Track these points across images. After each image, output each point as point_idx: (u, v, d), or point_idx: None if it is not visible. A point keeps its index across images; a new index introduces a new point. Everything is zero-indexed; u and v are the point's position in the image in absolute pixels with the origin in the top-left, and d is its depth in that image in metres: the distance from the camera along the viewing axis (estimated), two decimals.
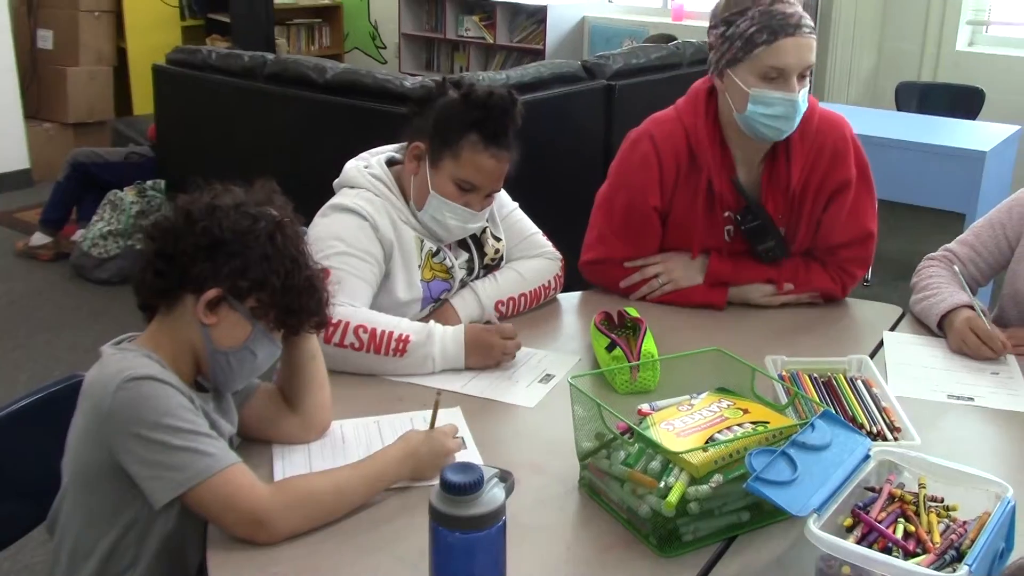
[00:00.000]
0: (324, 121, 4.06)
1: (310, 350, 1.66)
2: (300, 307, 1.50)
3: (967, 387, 1.92)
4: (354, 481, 1.47)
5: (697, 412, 1.53)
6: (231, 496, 1.38)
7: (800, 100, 2.06)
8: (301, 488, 1.44)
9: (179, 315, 1.49)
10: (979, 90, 5.17)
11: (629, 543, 1.42)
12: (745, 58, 2.05)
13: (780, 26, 2.01)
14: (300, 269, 1.50)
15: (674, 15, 7.04)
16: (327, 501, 1.44)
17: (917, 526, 1.30)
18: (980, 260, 2.24)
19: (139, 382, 1.38)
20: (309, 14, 8.47)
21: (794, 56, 2.02)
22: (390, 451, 1.52)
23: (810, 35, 2.05)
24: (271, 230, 1.48)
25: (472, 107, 2.00)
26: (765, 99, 2.05)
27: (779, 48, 2.02)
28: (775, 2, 2.03)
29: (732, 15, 2.07)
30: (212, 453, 1.38)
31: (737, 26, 2.05)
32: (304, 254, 1.52)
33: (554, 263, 2.28)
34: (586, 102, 4.37)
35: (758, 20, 2.02)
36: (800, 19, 2.03)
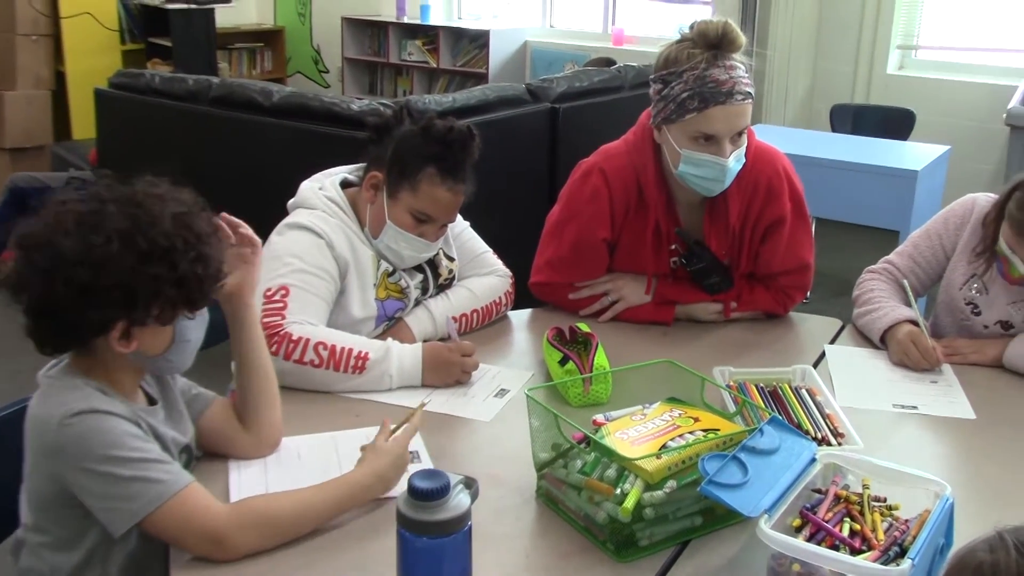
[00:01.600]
0: (271, 144, 4.06)
1: (264, 369, 1.67)
2: (200, 288, 1.43)
3: (910, 396, 2.00)
4: (317, 503, 1.47)
5: (650, 421, 1.57)
6: (187, 518, 1.38)
7: (730, 163, 2.07)
8: (261, 508, 1.45)
9: (97, 346, 1.43)
10: (910, 112, 5.35)
11: (587, 549, 1.46)
12: (677, 120, 2.07)
13: (712, 94, 2.02)
14: (181, 255, 1.38)
15: (614, 39, 7.15)
16: (287, 522, 1.44)
17: (862, 525, 1.36)
18: (919, 270, 2.32)
19: (82, 417, 1.36)
20: (251, 38, 8.45)
21: (724, 124, 2.04)
22: (357, 475, 1.53)
23: (743, 102, 2.04)
24: (128, 239, 1.35)
25: (431, 141, 2.03)
26: (695, 160, 2.09)
27: (709, 116, 2.03)
28: (711, 66, 2.03)
29: (669, 74, 2.07)
30: (163, 479, 1.38)
31: (672, 87, 2.06)
32: (179, 232, 1.39)
33: (505, 280, 2.32)
34: (531, 124, 4.44)
35: (691, 85, 2.03)
36: (734, 86, 2.03)
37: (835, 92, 6.14)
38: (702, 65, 2.03)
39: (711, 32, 2.04)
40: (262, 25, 8.59)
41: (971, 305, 2.22)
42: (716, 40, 2.04)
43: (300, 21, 8.55)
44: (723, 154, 2.06)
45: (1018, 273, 2.05)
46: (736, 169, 2.12)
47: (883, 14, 6.12)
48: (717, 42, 2.04)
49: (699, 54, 2.03)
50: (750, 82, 2.07)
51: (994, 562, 0.86)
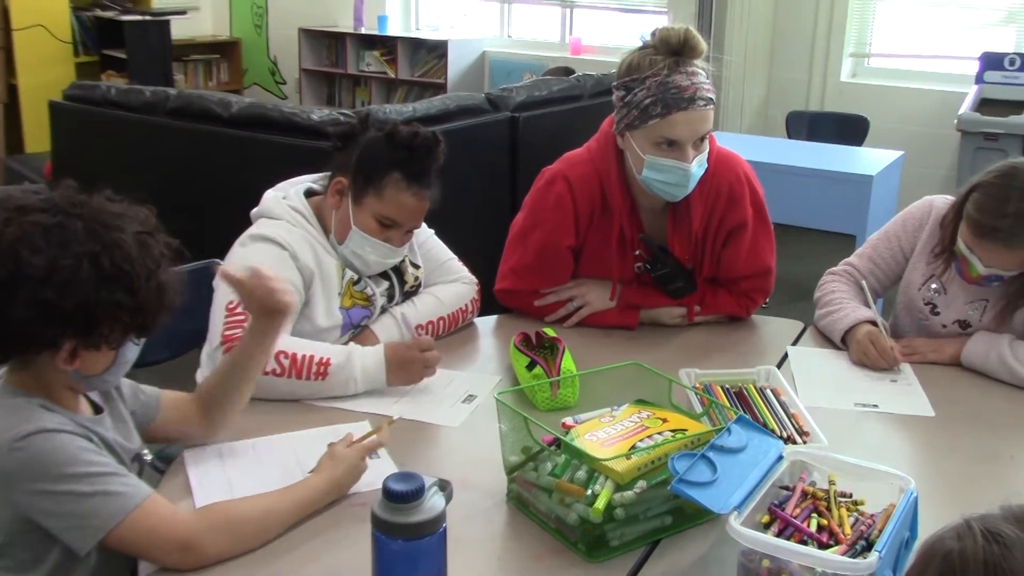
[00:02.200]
0: (230, 155, 4.03)
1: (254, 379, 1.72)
2: (155, 316, 1.43)
3: (871, 395, 2.03)
4: (281, 507, 1.48)
5: (619, 423, 1.59)
6: (153, 529, 1.37)
7: (693, 167, 2.10)
8: (226, 512, 1.45)
9: (38, 359, 1.41)
10: (864, 118, 5.44)
11: (558, 551, 1.47)
12: (641, 126, 2.09)
13: (674, 100, 2.04)
14: (142, 282, 1.39)
15: (572, 49, 7.20)
16: (253, 526, 1.44)
17: (829, 520, 1.38)
18: (879, 271, 2.36)
19: (31, 439, 1.34)
20: (207, 50, 8.39)
21: (686, 130, 2.07)
22: (317, 481, 1.55)
23: (705, 107, 2.06)
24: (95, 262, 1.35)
25: (396, 147, 2.03)
26: (658, 166, 2.11)
27: (672, 121, 2.05)
28: (673, 72, 2.05)
29: (631, 80, 2.09)
30: (123, 492, 1.37)
31: (635, 94, 2.08)
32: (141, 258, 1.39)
33: (470, 287, 2.33)
34: (491, 133, 4.45)
35: (654, 91, 2.05)
36: (696, 92, 2.05)
37: (790, 100, 6.23)
38: (664, 71, 2.05)
39: (673, 39, 2.06)
40: (218, 37, 8.54)
41: (930, 305, 2.26)
42: (678, 47, 2.06)
43: (256, 32, 8.52)
44: (686, 159, 2.09)
45: (976, 273, 2.09)
46: (699, 174, 2.14)
47: (836, 23, 6.23)
48: (679, 48, 2.06)
49: (661, 61, 2.06)
50: (711, 88, 2.10)
51: (962, 549, 0.88)
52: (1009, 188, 2.01)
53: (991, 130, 5.33)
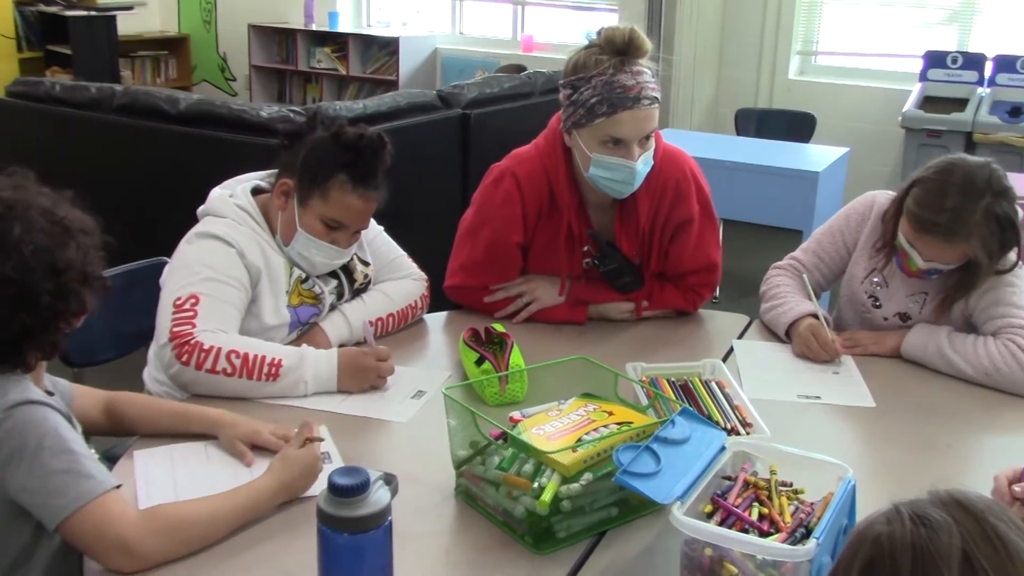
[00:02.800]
0: (178, 153, 4.00)
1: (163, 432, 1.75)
2: (62, 336, 1.46)
3: (813, 387, 2.07)
4: (227, 511, 1.47)
5: (565, 416, 1.60)
6: (101, 522, 1.37)
7: (639, 165, 2.12)
8: (172, 515, 1.43)
9: None
10: (811, 115, 5.52)
11: (506, 544, 1.49)
12: (587, 125, 2.10)
13: (619, 99, 2.06)
14: (49, 309, 1.41)
15: (524, 46, 7.22)
16: (199, 528, 1.44)
17: (770, 509, 1.41)
18: (823, 265, 2.40)
19: (18, 409, 1.36)
20: (155, 46, 8.30)
21: (631, 128, 2.09)
22: (264, 482, 1.54)
23: (650, 106, 2.08)
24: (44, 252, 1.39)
25: (342, 148, 2.02)
26: (605, 164, 2.13)
27: (617, 120, 2.07)
28: (619, 71, 2.06)
29: (578, 79, 2.10)
30: (95, 475, 1.38)
31: (581, 93, 2.10)
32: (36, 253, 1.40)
33: (420, 284, 2.33)
34: (442, 130, 4.46)
35: (599, 90, 2.06)
36: (641, 91, 2.06)
37: (739, 97, 6.30)
38: (610, 71, 2.06)
39: (618, 38, 2.08)
40: (166, 33, 8.45)
41: (872, 298, 2.30)
42: (623, 46, 2.08)
43: (205, 28, 8.43)
44: (631, 157, 2.11)
45: (916, 266, 2.14)
46: (644, 172, 2.17)
47: (783, 21, 6.31)
48: (624, 48, 2.08)
49: (607, 60, 2.07)
50: (656, 87, 2.12)
51: (890, 533, 0.90)
52: (947, 183, 2.06)
53: (934, 127, 5.45)
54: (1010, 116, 5.34)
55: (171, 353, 1.88)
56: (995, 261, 2.08)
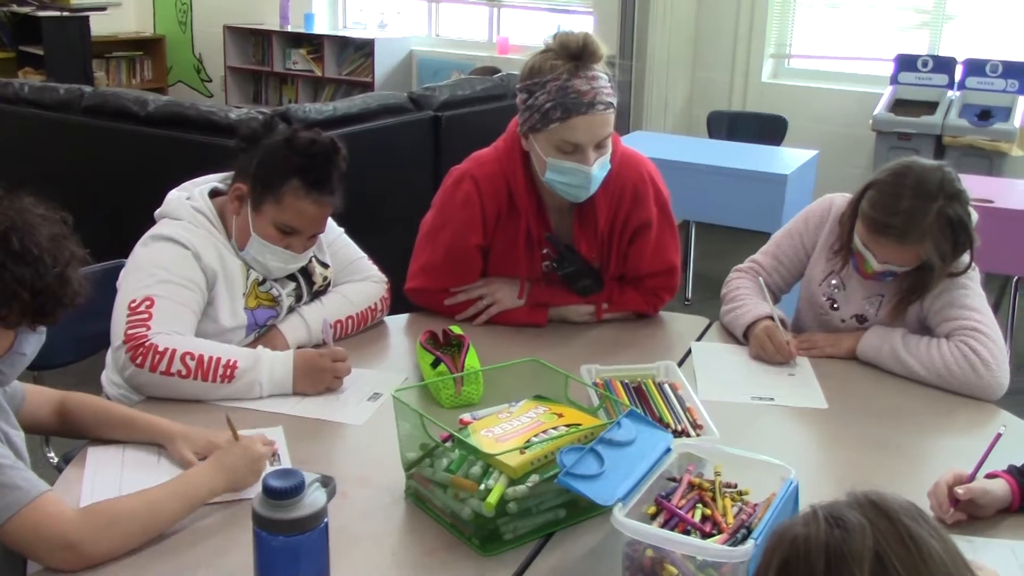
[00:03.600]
0: (147, 154, 3.99)
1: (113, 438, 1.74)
2: (54, 305, 1.44)
3: (768, 389, 2.09)
4: (166, 498, 1.47)
5: (515, 419, 1.61)
6: (40, 525, 1.37)
7: (594, 170, 2.12)
8: (110, 510, 1.44)
9: None
10: (782, 118, 5.55)
11: (453, 545, 1.49)
12: (542, 129, 2.11)
13: (574, 104, 2.06)
14: (47, 267, 1.40)
15: (499, 48, 7.23)
16: (139, 520, 1.44)
17: (713, 510, 1.42)
18: (782, 268, 2.42)
19: None
20: (129, 47, 8.27)
21: (586, 134, 2.09)
22: (202, 466, 1.55)
23: (605, 111, 2.09)
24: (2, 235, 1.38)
25: (295, 154, 2.02)
26: (560, 168, 2.13)
27: (572, 126, 2.07)
28: (573, 76, 2.06)
29: (533, 84, 2.10)
30: (20, 486, 1.37)
31: (536, 97, 2.10)
32: (51, 248, 1.42)
33: (380, 286, 2.33)
34: (413, 133, 4.46)
35: (554, 95, 2.07)
36: (595, 96, 2.06)
37: (713, 100, 6.32)
38: (564, 76, 2.07)
39: (572, 44, 2.09)
40: (141, 33, 8.42)
41: (830, 300, 2.32)
42: (577, 51, 2.08)
43: (181, 29, 8.40)
44: (587, 162, 2.12)
45: (871, 268, 2.15)
46: (601, 176, 2.18)
47: (756, 24, 6.34)
48: (578, 53, 2.08)
49: (561, 65, 2.08)
50: (612, 92, 2.13)
51: (806, 534, 0.92)
52: (902, 186, 2.08)
53: (904, 130, 5.50)
54: (979, 119, 5.39)
55: (125, 356, 1.88)
56: (948, 263, 2.10)
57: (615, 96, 2.13)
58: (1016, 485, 1.63)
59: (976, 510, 1.61)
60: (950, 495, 1.59)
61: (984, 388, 2.07)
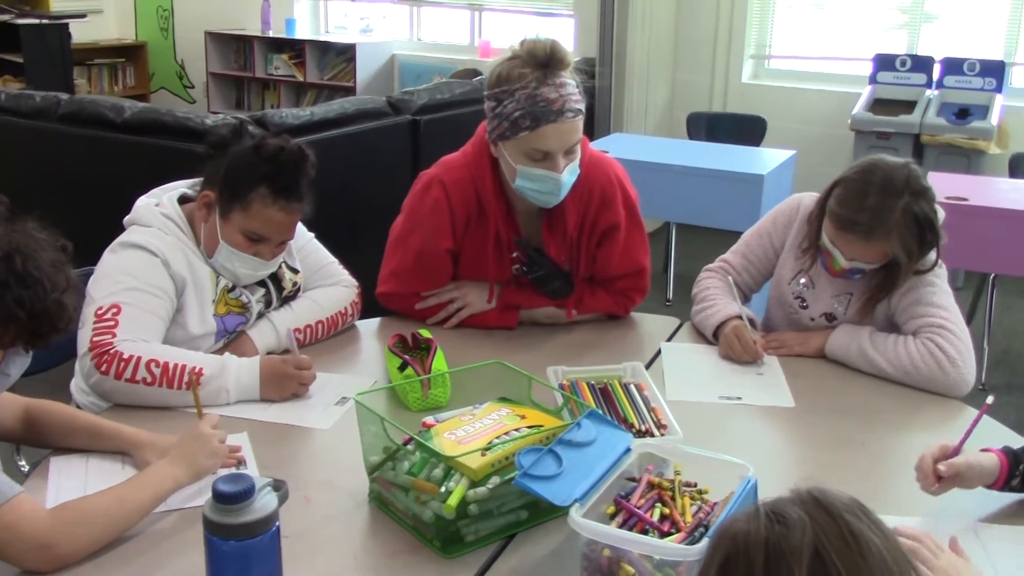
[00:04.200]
0: (124, 161, 3.98)
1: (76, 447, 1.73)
2: (49, 329, 1.45)
3: (736, 388, 2.09)
4: (133, 491, 1.48)
5: (478, 421, 1.62)
6: (13, 525, 1.37)
7: (564, 176, 2.13)
8: (79, 508, 1.44)
9: None
10: (761, 119, 5.56)
11: (415, 548, 1.50)
12: (512, 137, 2.11)
13: (543, 113, 2.06)
14: (47, 292, 1.42)
15: (481, 51, 7.23)
16: (110, 515, 1.45)
17: (672, 509, 1.42)
18: (752, 267, 2.43)
19: None
20: (111, 54, 8.25)
21: (556, 141, 2.09)
22: (162, 460, 1.57)
23: (574, 118, 2.09)
24: (6, 256, 1.39)
25: (262, 161, 2.02)
26: (530, 175, 2.14)
27: (542, 134, 2.08)
28: (541, 84, 2.06)
29: (501, 92, 2.10)
30: None
31: (505, 105, 2.10)
32: (52, 273, 1.43)
33: (350, 290, 2.33)
34: (392, 137, 4.47)
35: (523, 104, 2.06)
36: (564, 104, 2.06)
37: (693, 101, 6.34)
38: (532, 84, 2.06)
39: (539, 52, 2.08)
40: (123, 40, 8.41)
41: (799, 299, 2.33)
42: (545, 59, 2.08)
43: (163, 36, 8.39)
44: (557, 169, 2.12)
45: (839, 266, 2.17)
46: (570, 182, 2.18)
47: (736, 26, 6.36)
48: (546, 61, 2.08)
49: (529, 73, 2.07)
50: (580, 98, 2.13)
51: (747, 530, 0.92)
52: (868, 183, 2.10)
53: (883, 129, 5.52)
54: (957, 118, 5.42)
55: (91, 363, 1.88)
56: (914, 260, 2.11)
57: (583, 102, 2.13)
58: (1006, 462, 1.63)
59: (960, 482, 1.62)
60: (935, 469, 1.60)
61: (950, 385, 2.08)
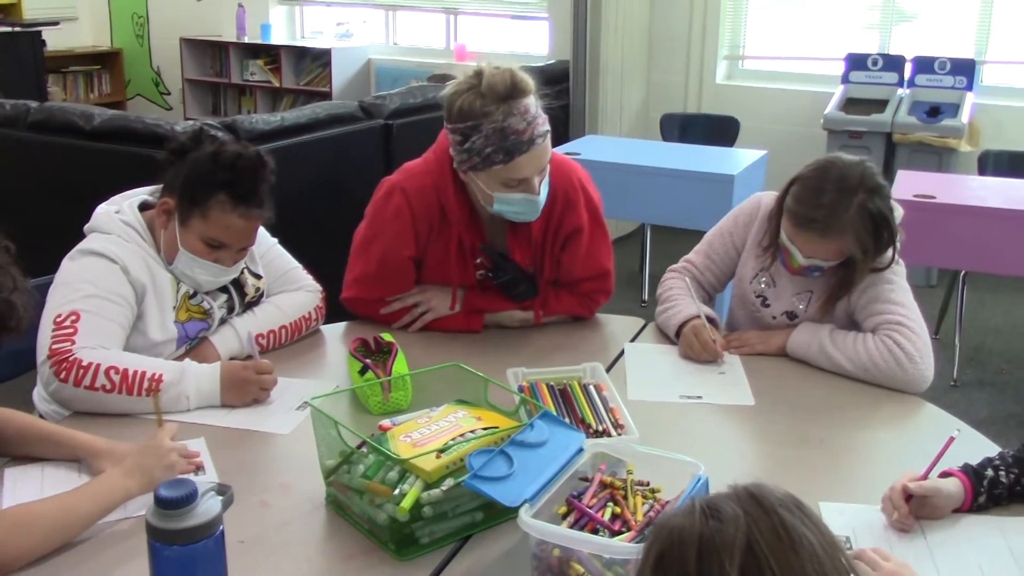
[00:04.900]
0: (94, 168, 3.96)
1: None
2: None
3: (696, 387, 2.11)
4: (81, 500, 1.48)
5: (435, 423, 1.62)
6: None
7: (540, 196, 2.16)
8: (23, 513, 1.44)
9: None
10: (734, 119, 5.58)
11: (370, 551, 1.50)
12: (485, 170, 2.12)
13: (514, 146, 2.06)
14: None
15: (457, 55, 7.24)
16: (52, 522, 1.44)
17: (624, 508, 1.43)
18: (715, 267, 2.45)
19: None
20: (86, 61, 8.22)
21: (530, 168, 2.11)
22: (115, 470, 1.56)
23: (543, 142, 2.11)
24: None
25: (220, 168, 2.02)
26: (508, 200, 2.15)
27: (516, 165, 2.09)
28: (508, 116, 2.05)
29: (467, 128, 2.09)
30: None
31: (473, 142, 2.09)
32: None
33: (314, 295, 2.34)
34: (364, 141, 4.46)
35: (492, 140, 2.06)
36: (533, 131, 2.08)
37: (668, 103, 6.36)
38: (499, 118, 2.05)
39: (500, 87, 2.06)
40: (98, 47, 8.38)
41: (761, 298, 2.35)
42: (507, 92, 2.06)
43: (138, 43, 8.37)
44: (534, 191, 2.14)
45: (797, 263, 2.18)
46: (545, 195, 2.20)
47: (709, 26, 6.39)
48: (508, 93, 2.07)
49: (493, 107, 2.06)
50: (545, 118, 2.13)
51: (682, 526, 0.93)
52: (824, 180, 2.12)
53: (855, 128, 5.55)
54: (928, 116, 5.46)
55: (50, 370, 1.88)
56: (871, 257, 2.13)
57: (547, 121, 2.14)
58: (969, 483, 1.62)
59: (930, 511, 1.59)
60: (905, 487, 1.57)
61: (909, 381, 2.10)
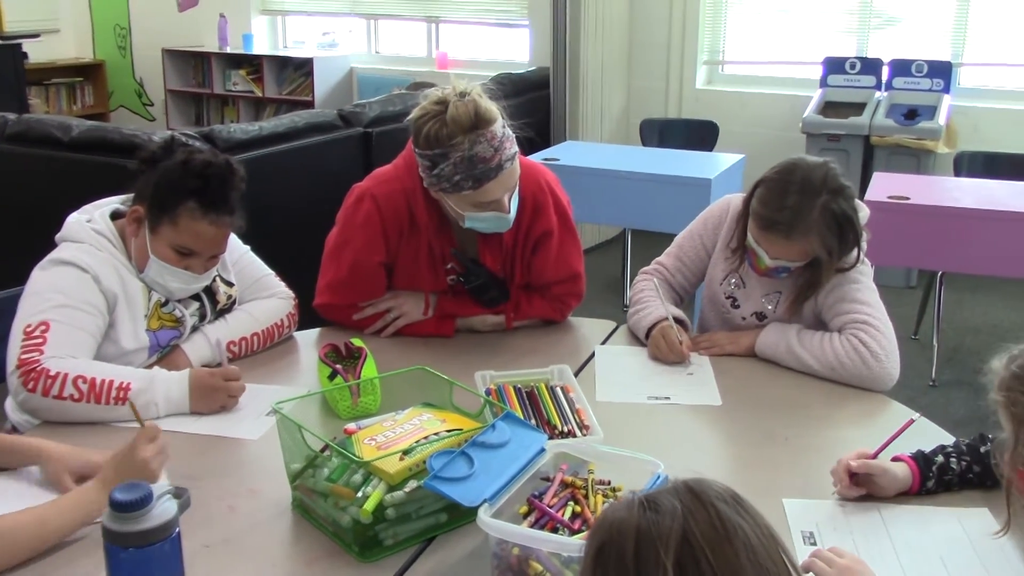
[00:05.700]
0: (72, 179, 3.97)
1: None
2: None
3: (665, 388, 2.13)
4: (58, 514, 1.48)
5: (400, 426, 1.64)
6: None
7: (511, 212, 2.18)
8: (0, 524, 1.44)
9: None
10: (713, 124, 5.62)
11: (334, 554, 1.51)
12: (455, 193, 2.14)
13: (483, 173, 2.08)
14: None
15: (438, 63, 7.26)
16: (27, 533, 1.44)
17: (584, 507, 1.45)
18: (685, 269, 2.47)
19: None
20: (69, 73, 8.22)
21: (499, 191, 2.13)
22: (91, 483, 1.56)
23: (511, 165, 2.13)
24: None
25: (189, 175, 2.03)
26: (479, 219, 2.17)
27: (485, 191, 2.11)
28: (475, 144, 2.06)
29: (435, 155, 2.09)
30: None
31: (441, 168, 2.09)
32: None
33: (287, 302, 2.35)
34: (343, 150, 4.48)
35: (461, 168, 2.07)
36: (500, 157, 2.09)
37: (649, 108, 6.39)
38: (465, 147, 2.06)
39: (464, 119, 2.06)
40: (80, 59, 8.38)
41: (731, 299, 2.37)
42: (471, 123, 2.07)
43: (120, 54, 8.37)
44: (504, 210, 2.16)
45: (764, 264, 2.20)
46: (515, 208, 2.22)
47: (689, 32, 6.42)
48: (473, 124, 2.07)
49: (460, 136, 2.06)
50: (512, 139, 2.15)
51: (622, 518, 0.95)
52: (788, 182, 2.14)
53: (833, 131, 5.58)
54: (905, 119, 5.49)
55: (18, 380, 1.88)
56: (835, 257, 2.15)
57: (515, 142, 2.15)
58: (916, 468, 1.68)
59: (876, 489, 1.66)
60: (848, 466, 1.65)
61: (874, 379, 2.12)
